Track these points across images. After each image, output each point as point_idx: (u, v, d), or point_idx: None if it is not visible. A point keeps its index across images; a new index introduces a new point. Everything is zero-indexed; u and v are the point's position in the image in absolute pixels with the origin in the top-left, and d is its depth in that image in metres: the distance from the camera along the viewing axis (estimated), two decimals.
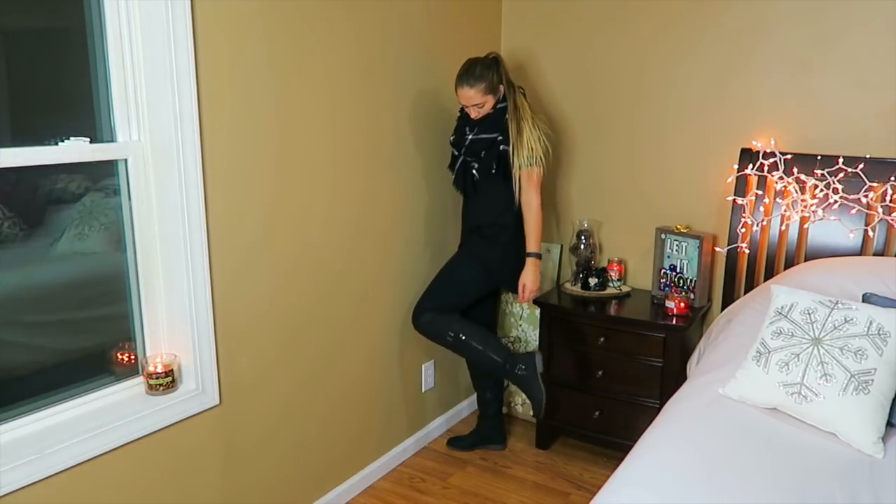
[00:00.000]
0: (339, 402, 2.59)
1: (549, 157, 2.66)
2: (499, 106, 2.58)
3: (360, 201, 2.54)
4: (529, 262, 2.65)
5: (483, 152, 2.60)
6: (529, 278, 2.66)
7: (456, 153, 2.70)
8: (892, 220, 2.42)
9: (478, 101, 2.54)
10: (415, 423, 3.02)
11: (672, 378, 2.64)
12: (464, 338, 2.66)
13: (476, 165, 2.63)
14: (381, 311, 2.73)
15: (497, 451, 3.01)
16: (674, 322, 2.67)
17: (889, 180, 2.41)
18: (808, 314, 1.98)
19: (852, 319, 1.91)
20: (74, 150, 1.79)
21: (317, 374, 2.46)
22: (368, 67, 2.48)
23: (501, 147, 2.57)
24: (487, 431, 3.02)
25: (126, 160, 1.90)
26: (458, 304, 2.74)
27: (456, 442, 3.04)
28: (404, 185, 2.75)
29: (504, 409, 3.13)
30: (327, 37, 2.29)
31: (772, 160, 2.59)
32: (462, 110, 2.66)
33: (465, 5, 2.96)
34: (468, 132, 2.63)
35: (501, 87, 2.58)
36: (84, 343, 2.00)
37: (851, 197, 2.46)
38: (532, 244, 2.64)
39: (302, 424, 2.43)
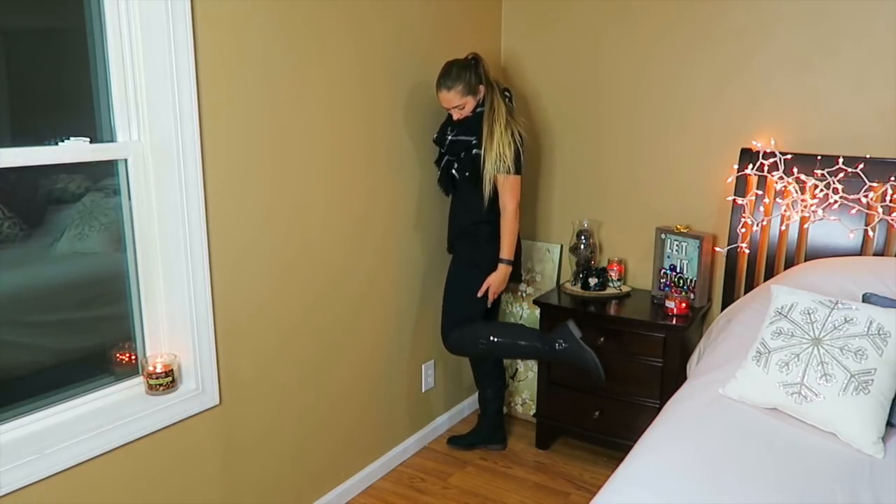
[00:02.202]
0: (340, 401, 2.59)
1: (522, 162, 2.64)
2: (479, 109, 2.60)
3: (358, 199, 2.54)
4: (500, 266, 2.66)
5: (462, 153, 2.63)
6: (496, 280, 2.67)
7: (442, 150, 2.72)
8: (892, 220, 2.42)
9: (457, 103, 2.55)
10: (415, 422, 3.02)
11: (672, 378, 2.64)
12: (495, 340, 2.66)
13: (456, 166, 2.66)
14: (380, 311, 2.73)
15: (497, 450, 3.01)
16: (674, 322, 2.67)
17: (889, 180, 2.41)
18: (808, 314, 1.98)
19: (852, 319, 1.91)
20: (74, 150, 1.79)
21: (317, 373, 2.46)
22: (368, 67, 2.48)
23: (474, 151, 2.58)
24: (487, 430, 3.01)
25: (126, 160, 1.90)
26: (475, 312, 2.73)
27: (456, 441, 3.04)
28: (403, 183, 2.75)
29: (504, 409, 3.13)
30: (327, 37, 2.30)
31: (772, 160, 2.59)
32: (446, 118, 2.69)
33: (465, 4, 2.96)
34: (449, 133, 2.65)
35: (482, 88, 2.58)
36: (84, 343, 2.00)
37: (851, 197, 2.46)
38: (504, 250, 2.65)
39: (302, 424, 2.43)
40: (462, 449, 3.02)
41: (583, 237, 3.04)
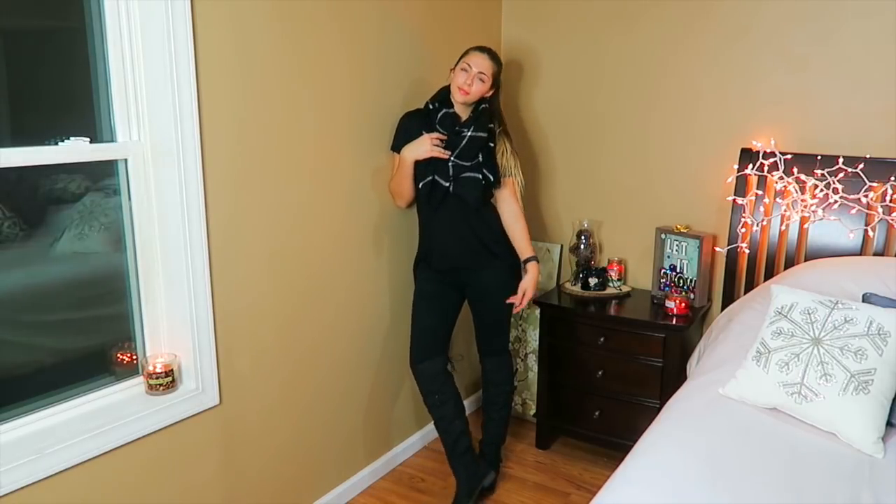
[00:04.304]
0: (340, 401, 2.59)
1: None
2: (482, 105, 2.44)
3: (359, 198, 2.54)
4: (533, 266, 2.49)
5: (479, 153, 2.42)
6: (531, 283, 2.48)
7: (451, 159, 2.41)
8: (892, 220, 2.42)
9: (485, 73, 2.37)
10: (415, 422, 3.02)
11: (672, 378, 2.64)
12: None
13: (485, 169, 2.43)
14: (381, 310, 2.73)
15: (492, 481, 2.72)
16: (674, 322, 2.67)
17: (889, 180, 2.41)
18: (808, 314, 1.98)
19: (852, 319, 1.91)
20: (74, 150, 1.79)
21: (317, 373, 2.46)
22: (368, 65, 2.48)
23: (491, 144, 2.45)
24: (473, 469, 2.64)
25: (126, 160, 1.90)
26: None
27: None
28: None
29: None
30: (327, 36, 2.30)
31: (772, 160, 2.59)
32: (413, 120, 2.48)
33: (465, 2, 2.96)
34: (463, 129, 2.41)
35: (494, 88, 2.47)
36: (84, 343, 2.00)
37: (851, 197, 2.46)
38: (529, 248, 2.53)
39: (302, 424, 2.43)
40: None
41: (583, 237, 3.04)
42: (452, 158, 2.42)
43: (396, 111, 2.59)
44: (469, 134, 2.41)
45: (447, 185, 2.43)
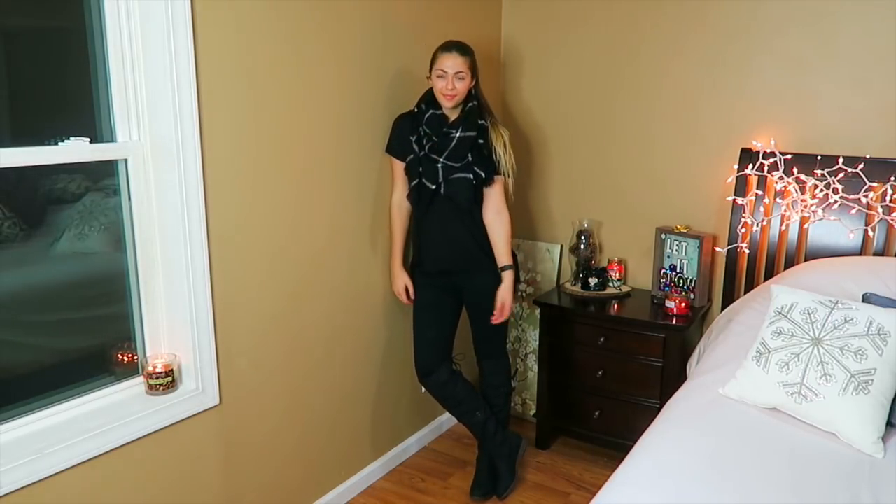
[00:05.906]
0: (340, 402, 2.59)
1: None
2: (470, 103, 2.42)
3: (361, 198, 2.54)
4: (508, 275, 2.46)
5: (469, 154, 2.39)
6: (508, 293, 2.47)
7: (438, 161, 2.39)
8: (892, 220, 2.42)
9: (462, 70, 2.32)
10: (415, 422, 3.02)
11: (672, 378, 2.64)
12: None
13: (476, 168, 2.40)
14: (382, 309, 2.73)
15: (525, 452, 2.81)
16: (674, 322, 2.67)
17: (889, 180, 2.41)
18: (808, 314, 1.98)
19: (852, 319, 1.91)
20: (74, 150, 1.79)
21: (317, 373, 2.46)
22: (368, 65, 2.48)
23: (484, 151, 2.43)
24: (507, 447, 2.72)
25: (126, 160, 1.90)
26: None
27: (479, 490, 2.71)
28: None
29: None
30: (327, 35, 2.30)
31: (772, 160, 2.59)
32: (405, 122, 2.47)
33: (465, 2, 2.96)
34: (452, 130, 2.39)
35: (475, 78, 2.43)
36: (84, 343, 2.00)
37: (851, 197, 2.46)
38: (509, 255, 2.49)
39: (302, 424, 2.43)
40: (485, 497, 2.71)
41: (583, 237, 3.04)
42: (442, 160, 2.40)
43: (396, 111, 2.58)
44: (458, 135, 2.39)
45: (433, 187, 2.41)
